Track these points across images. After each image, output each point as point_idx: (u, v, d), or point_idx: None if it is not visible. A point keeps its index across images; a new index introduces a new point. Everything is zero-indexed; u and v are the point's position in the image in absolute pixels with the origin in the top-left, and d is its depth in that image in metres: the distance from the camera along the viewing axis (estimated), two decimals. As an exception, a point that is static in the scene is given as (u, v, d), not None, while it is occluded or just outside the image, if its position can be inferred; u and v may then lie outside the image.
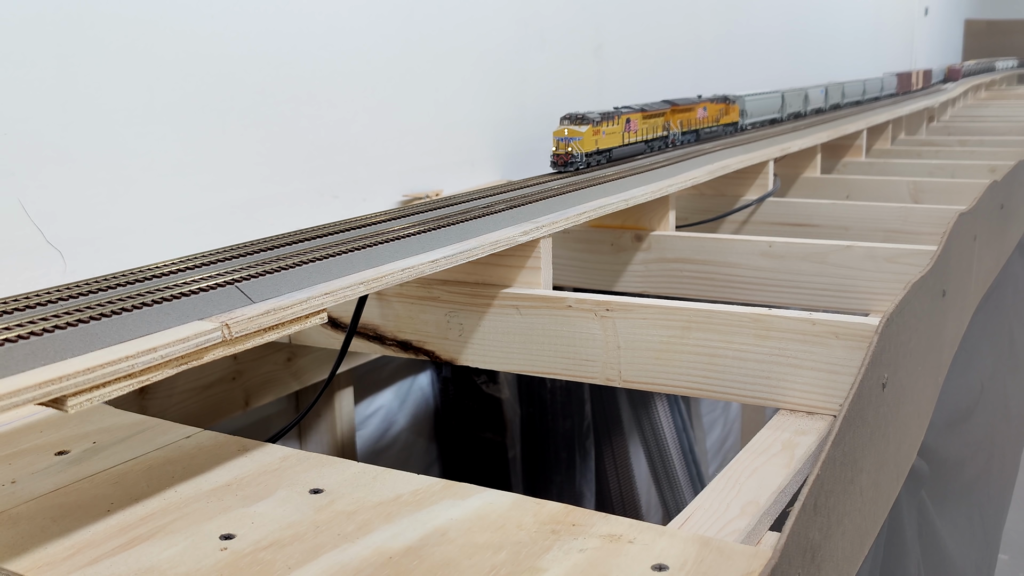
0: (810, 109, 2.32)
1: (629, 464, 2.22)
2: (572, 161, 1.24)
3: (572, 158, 1.24)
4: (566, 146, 1.24)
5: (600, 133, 1.28)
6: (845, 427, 0.68)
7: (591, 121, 1.26)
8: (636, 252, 1.33)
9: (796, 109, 2.20)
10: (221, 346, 0.64)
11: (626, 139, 1.37)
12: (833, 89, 2.56)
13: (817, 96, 2.39)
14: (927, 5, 6.55)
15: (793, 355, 0.86)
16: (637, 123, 1.40)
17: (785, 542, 0.55)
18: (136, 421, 0.82)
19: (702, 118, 1.64)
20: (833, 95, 2.56)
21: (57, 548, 0.59)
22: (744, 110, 1.83)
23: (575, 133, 1.24)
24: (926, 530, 1.20)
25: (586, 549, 0.58)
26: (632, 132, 1.38)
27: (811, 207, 1.63)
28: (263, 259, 0.78)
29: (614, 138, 1.33)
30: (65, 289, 0.67)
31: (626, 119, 1.36)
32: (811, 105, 2.33)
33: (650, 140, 1.46)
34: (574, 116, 1.25)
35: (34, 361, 0.55)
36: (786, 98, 2.12)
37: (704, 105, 1.65)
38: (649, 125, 1.44)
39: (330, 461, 0.72)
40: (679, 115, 1.55)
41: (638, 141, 1.41)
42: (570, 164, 1.24)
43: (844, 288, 1.22)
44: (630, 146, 1.39)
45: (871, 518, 0.79)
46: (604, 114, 1.30)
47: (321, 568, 0.56)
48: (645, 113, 1.43)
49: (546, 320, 0.96)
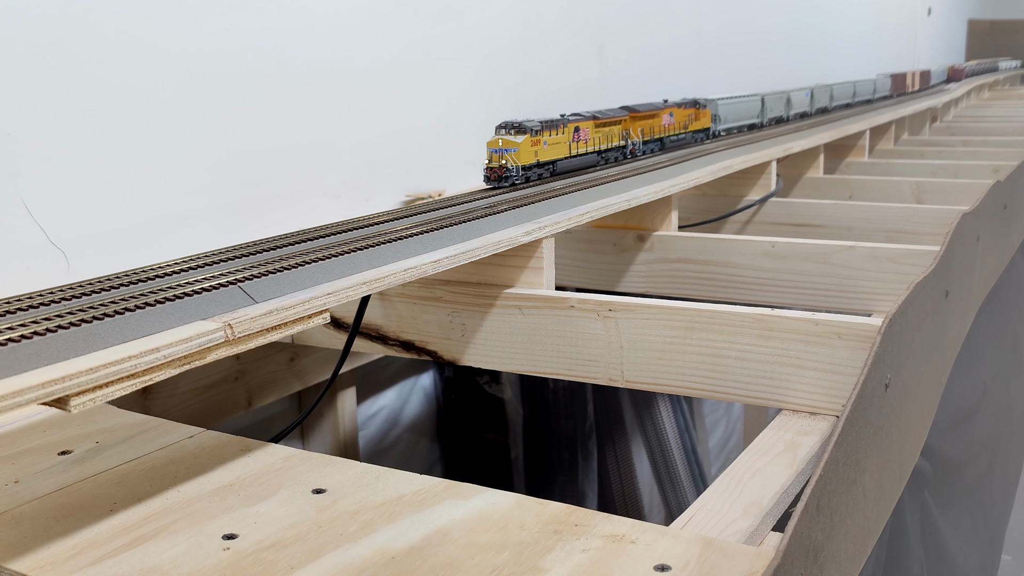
0: (793, 113, 2.22)
1: (632, 464, 2.22)
2: (506, 175, 1.13)
3: (506, 172, 1.13)
4: (499, 158, 1.13)
5: (541, 144, 1.17)
6: (848, 427, 0.68)
7: (529, 130, 1.15)
8: (639, 252, 1.33)
9: (777, 114, 2.09)
10: (224, 346, 0.64)
11: (574, 150, 1.26)
12: (820, 92, 2.46)
13: (801, 99, 2.29)
14: (930, 5, 6.54)
15: (796, 355, 0.86)
16: (588, 132, 1.29)
17: (788, 542, 0.55)
18: (139, 421, 0.82)
19: (667, 125, 1.53)
20: (820, 98, 2.45)
21: (60, 548, 0.59)
22: (717, 115, 1.74)
23: (510, 144, 1.13)
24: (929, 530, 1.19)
25: (588, 549, 0.58)
26: (582, 142, 1.27)
27: (814, 207, 1.63)
28: (265, 259, 0.78)
29: (559, 149, 1.22)
30: (68, 289, 0.67)
31: (574, 128, 1.25)
32: (794, 109, 2.22)
33: (604, 151, 1.34)
34: (510, 125, 1.15)
35: (37, 361, 0.55)
36: (766, 102, 2.02)
37: (670, 111, 1.54)
38: (603, 134, 1.33)
39: (333, 461, 0.72)
40: (640, 122, 1.44)
41: (589, 152, 1.30)
42: (504, 179, 1.13)
43: (847, 288, 1.22)
44: (579, 158, 1.28)
45: (874, 518, 0.79)
46: (546, 122, 1.19)
47: (324, 568, 0.56)
48: (598, 121, 1.32)
49: (549, 320, 0.96)
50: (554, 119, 1.21)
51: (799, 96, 2.26)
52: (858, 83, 2.83)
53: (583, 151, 1.28)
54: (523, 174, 1.15)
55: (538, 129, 1.16)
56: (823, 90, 2.48)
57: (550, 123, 1.19)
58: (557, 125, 1.21)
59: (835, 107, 2.60)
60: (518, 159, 1.13)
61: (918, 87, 3.57)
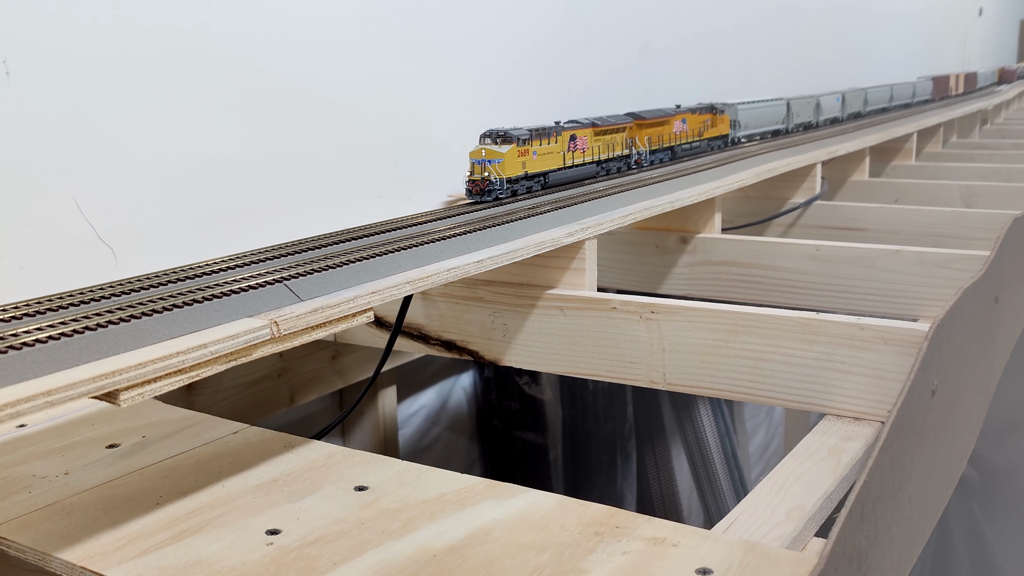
0: (823, 119, 2.11)
1: (671, 468, 2.21)
2: (489, 189, 1.04)
3: (489, 185, 1.04)
4: (482, 170, 1.04)
5: (529, 154, 1.08)
6: (893, 434, 0.67)
7: (515, 139, 1.06)
8: (681, 254, 1.33)
9: (805, 119, 1.99)
10: (269, 343, 0.65)
11: (569, 160, 1.17)
12: (852, 96, 2.33)
13: (832, 104, 2.17)
14: (981, 6, 6.43)
15: (840, 360, 0.85)
16: (586, 140, 1.20)
17: (831, 548, 0.54)
18: (184, 416, 0.83)
19: (679, 132, 1.44)
20: (852, 103, 2.33)
21: (108, 539, 0.61)
22: (736, 121, 1.65)
23: (494, 154, 1.04)
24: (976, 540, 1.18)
25: (630, 552, 0.58)
26: (579, 151, 1.18)
27: (859, 211, 1.61)
28: (310, 258, 0.78)
29: (551, 159, 1.13)
30: (117, 285, 0.68)
31: (570, 136, 1.16)
32: (824, 115, 2.12)
33: (605, 161, 1.25)
34: (495, 133, 1.06)
35: (88, 355, 0.56)
36: (792, 107, 1.92)
37: (683, 117, 1.45)
38: (603, 143, 1.24)
39: (375, 459, 0.73)
40: (647, 130, 1.35)
41: (587, 163, 1.21)
42: (487, 192, 1.04)
43: (893, 293, 1.20)
44: (575, 169, 1.18)
45: (919, 527, 0.78)
46: (537, 130, 1.10)
47: (366, 565, 0.57)
48: (597, 128, 1.23)
49: (590, 322, 0.96)
50: (547, 127, 1.13)
51: (829, 101, 2.16)
52: (896, 86, 2.72)
53: (580, 162, 1.19)
54: (508, 187, 1.06)
55: (526, 138, 1.08)
56: (856, 94, 2.36)
57: (541, 131, 1.11)
58: (550, 133, 1.13)
59: (870, 112, 2.48)
60: (502, 171, 1.05)
61: (962, 90, 3.49)
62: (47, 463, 0.73)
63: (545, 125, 1.13)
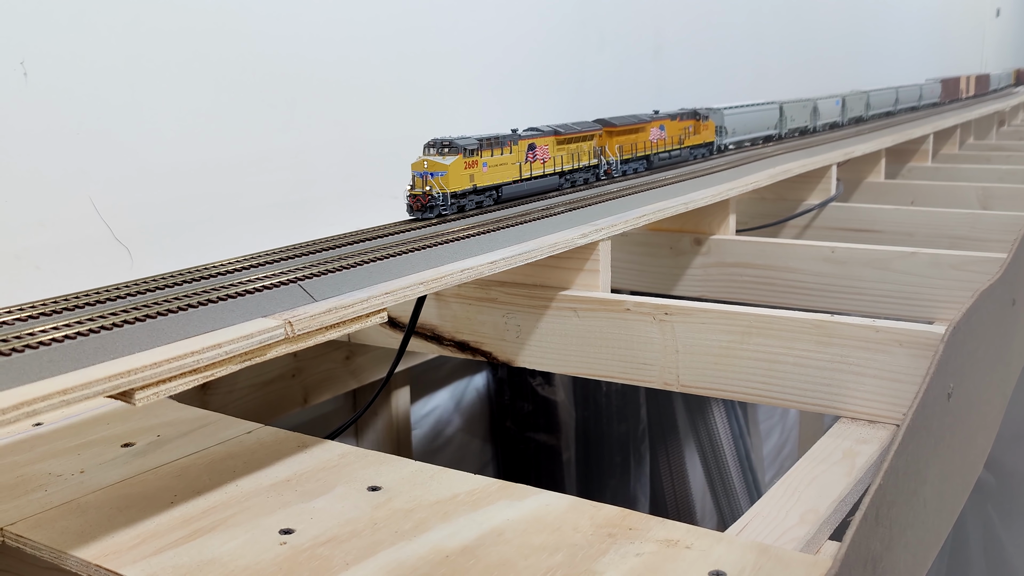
0: (821, 124, 2.00)
1: (684, 470, 2.20)
2: (431, 205, 0.95)
3: (431, 201, 0.95)
4: (423, 184, 0.95)
5: (478, 165, 0.99)
6: (909, 437, 0.66)
7: (462, 149, 0.97)
8: (695, 256, 1.32)
9: (800, 124, 1.88)
10: (284, 343, 0.65)
11: (527, 172, 1.08)
12: (853, 99, 2.22)
13: (830, 108, 2.06)
14: (999, 6, 6.39)
15: (855, 362, 0.84)
16: (547, 150, 1.11)
17: (845, 552, 0.54)
18: (198, 416, 0.84)
19: (656, 140, 1.34)
20: (853, 106, 2.21)
21: (123, 538, 0.61)
22: (722, 127, 1.55)
23: (437, 166, 0.95)
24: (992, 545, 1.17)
25: (643, 553, 0.58)
26: (538, 162, 1.09)
27: (875, 212, 1.60)
28: (324, 258, 0.79)
29: (504, 171, 1.04)
30: (133, 285, 0.68)
31: (528, 145, 1.07)
32: (822, 119, 2.01)
33: (569, 172, 1.16)
34: (439, 143, 0.97)
35: (103, 355, 0.57)
36: (785, 111, 1.81)
37: (661, 123, 1.35)
38: (568, 152, 1.15)
39: (388, 459, 0.73)
40: (619, 138, 1.25)
41: (548, 174, 1.12)
42: (429, 209, 0.95)
43: (908, 295, 1.20)
44: (533, 181, 1.09)
45: (935, 531, 0.78)
46: (488, 139, 1.01)
47: (379, 565, 0.57)
48: (560, 137, 1.13)
49: (604, 323, 0.96)
50: (501, 135, 1.04)
51: (827, 105, 2.05)
52: (901, 89, 2.61)
53: (539, 173, 1.10)
54: (454, 203, 0.97)
55: (474, 148, 0.98)
56: (857, 98, 2.25)
57: (494, 140, 1.02)
58: (504, 143, 1.04)
59: (873, 115, 2.36)
60: (446, 184, 0.95)
61: (973, 93, 3.44)
62: (63, 461, 0.74)
63: (500, 133, 1.04)
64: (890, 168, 2.12)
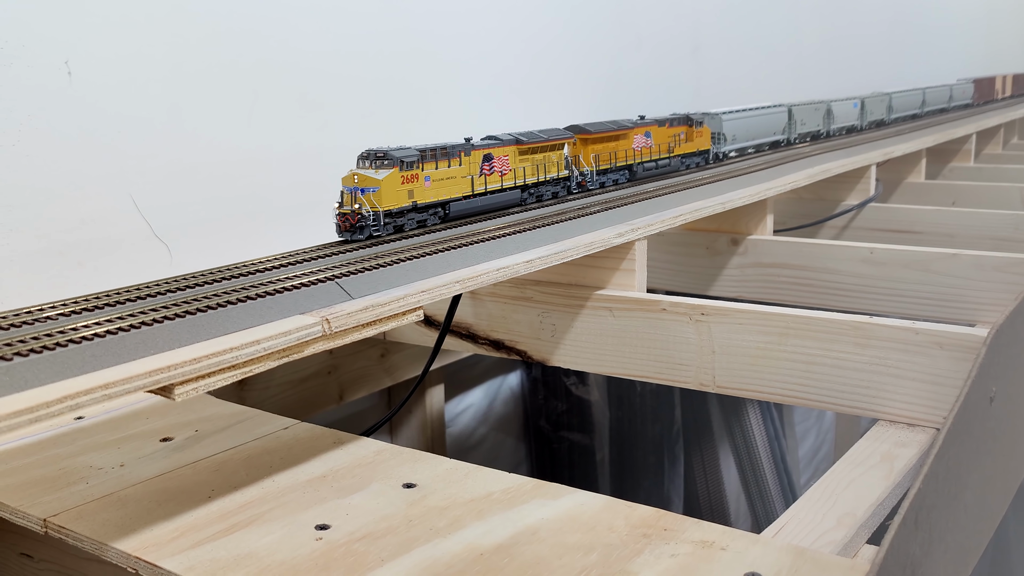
0: (836, 128, 1.88)
1: (719, 471, 2.19)
2: (361, 224, 0.84)
3: (361, 220, 0.84)
4: (352, 200, 0.84)
5: (419, 180, 0.88)
6: (949, 441, 0.65)
7: (398, 161, 0.86)
8: (732, 256, 1.31)
9: (812, 128, 1.78)
10: (321, 340, 0.66)
11: (480, 186, 0.96)
12: (873, 102, 2.08)
13: (847, 111, 1.93)
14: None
15: (894, 365, 0.83)
16: (506, 161, 0.99)
17: (884, 556, 0.53)
18: (236, 411, 0.85)
19: (640, 148, 1.22)
20: (874, 109, 2.07)
21: (162, 531, 0.62)
22: (720, 133, 1.44)
23: (369, 181, 0.84)
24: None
25: (678, 554, 0.57)
26: (495, 175, 0.98)
27: (915, 213, 1.58)
28: (361, 256, 0.79)
29: (453, 185, 0.92)
30: (173, 282, 0.69)
31: (483, 155, 0.96)
32: (837, 123, 1.88)
33: (534, 185, 1.04)
34: (374, 154, 0.86)
35: (144, 350, 0.58)
36: (794, 114, 1.70)
37: (646, 130, 1.23)
38: (532, 163, 1.03)
39: (423, 456, 0.73)
40: (595, 146, 1.13)
41: (506, 188, 1.00)
42: (359, 229, 0.84)
43: (949, 297, 1.18)
44: (490, 196, 0.98)
45: (975, 536, 0.76)
46: (433, 150, 0.90)
47: (413, 562, 0.57)
48: (523, 146, 1.01)
49: (639, 323, 0.96)
50: (451, 144, 0.93)
51: (844, 107, 1.91)
52: (928, 90, 2.46)
53: (496, 187, 0.98)
54: (388, 222, 0.86)
55: (413, 160, 0.87)
56: (878, 100, 2.12)
57: (441, 151, 0.91)
58: (454, 153, 0.93)
59: (896, 119, 2.23)
60: (379, 201, 0.84)
61: (1010, 93, 3.33)
62: (103, 455, 0.75)
63: (449, 143, 0.93)
64: (931, 168, 2.09)
